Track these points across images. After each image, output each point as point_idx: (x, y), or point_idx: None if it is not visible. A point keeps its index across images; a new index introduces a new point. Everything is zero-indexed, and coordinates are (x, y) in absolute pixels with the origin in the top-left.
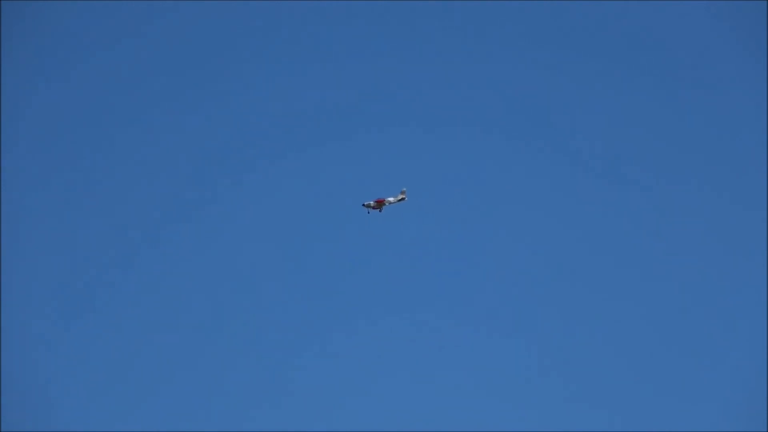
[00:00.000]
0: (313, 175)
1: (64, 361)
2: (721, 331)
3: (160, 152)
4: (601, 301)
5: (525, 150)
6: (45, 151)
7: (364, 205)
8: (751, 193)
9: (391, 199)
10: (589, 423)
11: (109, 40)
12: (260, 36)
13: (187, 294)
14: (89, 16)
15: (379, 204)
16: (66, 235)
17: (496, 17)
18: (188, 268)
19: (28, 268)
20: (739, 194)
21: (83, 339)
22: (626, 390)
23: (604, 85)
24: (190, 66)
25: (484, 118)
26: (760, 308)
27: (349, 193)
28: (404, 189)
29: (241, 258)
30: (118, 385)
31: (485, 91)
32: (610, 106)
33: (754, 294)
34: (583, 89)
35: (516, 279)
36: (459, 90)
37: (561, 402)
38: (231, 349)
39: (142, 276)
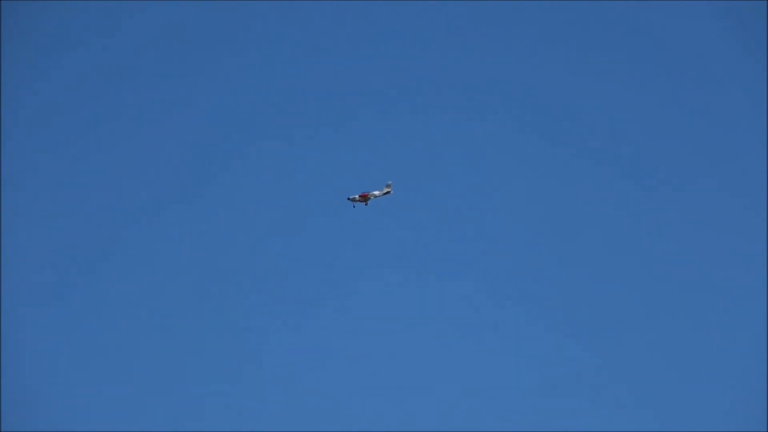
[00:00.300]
0: (301, 163)
1: (64, 361)
2: (721, 331)
3: (156, 147)
4: (600, 300)
5: (523, 140)
6: (44, 150)
7: (349, 198)
8: (751, 192)
9: (376, 192)
10: (589, 422)
11: (108, 39)
12: (252, 25)
13: (186, 289)
14: (89, 16)
15: (364, 198)
16: (66, 233)
17: (501, 12)
18: (185, 262)
19: (27, 267)
20: (739, 193)
21: (83, 338)
22: (626, 389)
23: (603, 85)
24: (187, 60)
25: (477, 109)
26: (760, 308)
27: (337, 181)
28: (389, 182)
29: (232, 247)
30: (118, 385)
31: (480, 82)
32: (609, 106)
33: (754, 293)
34: (581, 89)
35: (510, 278)
36: (452, 80)
37: (560, 401)
38: (230, 348)
39: (142, 273)
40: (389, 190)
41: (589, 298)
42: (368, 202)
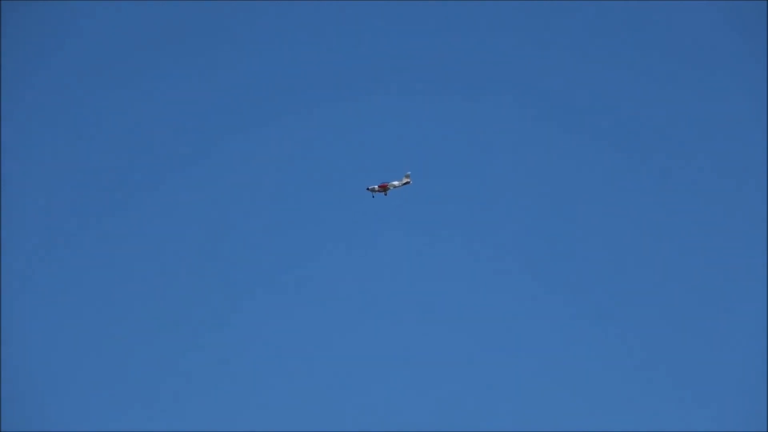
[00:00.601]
0: (315, 150)
1: (63, 361)
2: (721, 331)
3: (157, 145)
4: (600, 298)
5: (530, 128)
6: (44, 149)
7: (368, 188)
8: (751, 192)
9: (395, 183)
10: (589, 423)
11: (108, 38)
12: (255, 11)
13: (187, 283)
14: (89, 16)
15: (384, 188)
16: (65, 232)
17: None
18: (186, 257)
19: (28, 268)
20: (739, 194)
21: (83, 338)
22: (626, 390)
23: (603, 85)
24: (188, 58)
25: (486, 94)
26: (760, 308)
27: (352, 169)
28: (408, 173)
29: (239, 236)
30: (118, 385)
31: (490, 67)
32: (609, 106)
33: (754, 293)
34: (582, 90)
35: (508, 280)
36: (462, 66)
37: (560, 402)
38: (233, 349)
39: (142, 270)
40: (408, 180)
41: (586, 295)
42: (387, 192)
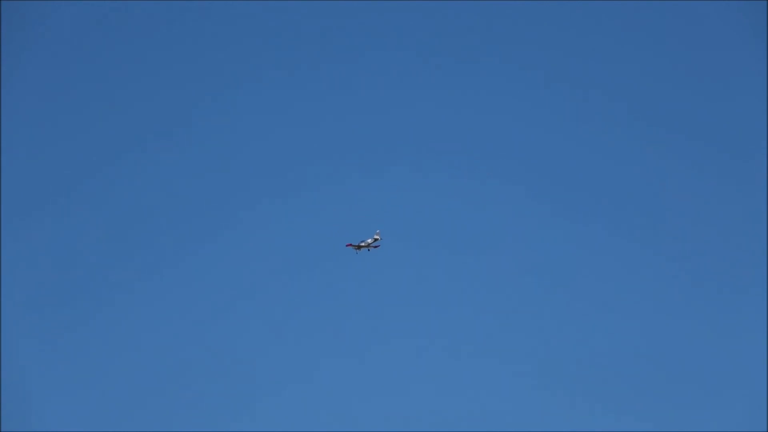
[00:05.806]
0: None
1: (63, 362)
2: (722, 331)
3: (162, 148)
4: (601, 298)
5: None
6: (44, 150)
7: (354, 245)
8: (751, 192)
9: (369, 240)
10: (590, 423)
11: (108, 40)
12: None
13: (188, 294)
14: (89, 16)
15: (359, 247)
16: (66, 236)
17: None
18: (191, 266)
19: (28, 269)
20: (739, 194)
21: (84, 339)
22: (627, 390)
23: (602, 85)
24: (188, 57)
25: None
26: (760, 308)
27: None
28: (378, 230)
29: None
30: (118, 386)
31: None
32: (609, 107)
33: (754, 293)
34: (582, 89)
35: (507, 283)
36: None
37: (561, 402)
38: (234, 349)
39: (144, 275)
40: (378, 237)
41: (588, 295)
42: (361, 249)
